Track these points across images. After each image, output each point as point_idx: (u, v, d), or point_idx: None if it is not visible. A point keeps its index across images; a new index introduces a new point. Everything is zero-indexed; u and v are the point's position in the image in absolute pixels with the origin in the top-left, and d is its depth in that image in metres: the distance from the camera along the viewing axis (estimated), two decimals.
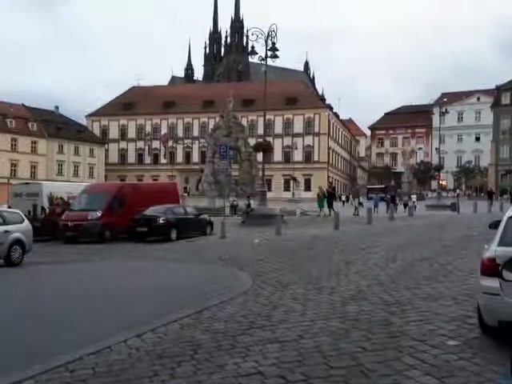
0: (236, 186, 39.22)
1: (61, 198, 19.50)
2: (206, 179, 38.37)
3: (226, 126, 40.35)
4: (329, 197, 26.13)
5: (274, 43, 22.43)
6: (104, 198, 18.08)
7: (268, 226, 18.89)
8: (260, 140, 26.51)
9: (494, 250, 4.47)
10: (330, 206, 25.76)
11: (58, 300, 7.74)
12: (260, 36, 22.44)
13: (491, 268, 4.35)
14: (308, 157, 70.11)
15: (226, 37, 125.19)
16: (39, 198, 18.98)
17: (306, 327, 5.61)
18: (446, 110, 44.36)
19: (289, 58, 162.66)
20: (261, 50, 22.65)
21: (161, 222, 17.30)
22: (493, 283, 4.31)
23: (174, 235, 17.38)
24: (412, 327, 5.42)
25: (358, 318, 5.90)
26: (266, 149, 24.33)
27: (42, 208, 18.93)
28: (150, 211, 17.73)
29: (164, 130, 74.27)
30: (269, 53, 22.38)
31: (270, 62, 23.12)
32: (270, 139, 62.07)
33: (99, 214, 17.59)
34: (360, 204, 26.69)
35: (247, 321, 6.04)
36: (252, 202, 24.82)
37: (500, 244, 4.47)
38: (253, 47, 24.62)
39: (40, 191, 19.20)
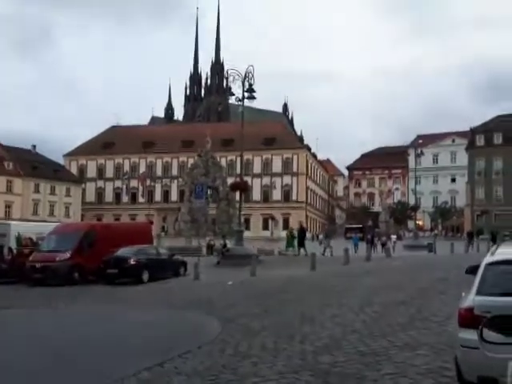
0: (213, 225, 38.73)
1: (29, 239, 18.83)
2: (183, 218, 37.86)
3: (203, 165, 40.21)
4: (299, 236, 25.83)
5: (250, 84, 22.69)
6: (73, 239, 17.52)
7: (243, 267, 18.53)
8: (237, 179, 26.34)
9: (471, 299, 4.13)
10: (302, 245, 25.41)
11: None
12: (237, 77, 22.70)
13: (469, 319, 4.02)
14: (286, 196, 70.30)
15: (207, 78, 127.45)
16: (6, 238, 18.29)
17: (274, 382, 5.18)
18: (421, 151, 44.99)
19: (268, 100, 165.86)
20: (239, 91, 22.81)
21: (132, 263, 16.79)
22: (471, 335, 3.97)
23: (145, 277, 16.90)
24: (387, 381, 5.02)
25: (330, 370, 5.48)
26: (243, 188, 24.16)
27: (10, 249, 18.21)
28: (121, 252, 17.25)
29: (143, 169, 73.93)
30: (246, 94, 22.63)
31: (248, 103, 23.37)
32: (248, 179, 62.28)
33: (68, 255, 17.00)
34: (329, 245, 26.35)
35: (211, 375, 5.58)
36: (228, 241, 24.39)
37: (478, 293, 4.14)
38: (230, 88, 24.92)
39: (7, 231, 18.53)
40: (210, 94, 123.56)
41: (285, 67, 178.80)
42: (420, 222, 70.16)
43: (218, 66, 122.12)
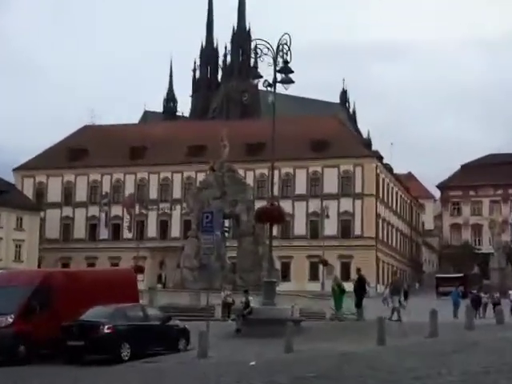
0: (232, 273, 38.66)
1: None
2: (188, 263, 37.99)
3: (218, 182, 40.36)
4: (357, 290, 25.45)
5: (286, 61, 22.72)
6: (19, 295, 17.74)
7: (275, 338, 18.40)
8: (265, 204, 26.26)
9: None
10: (359, 304, 25.21)
11: None
12: (266, 51, 22.77)
13: None
14: (346, 229, 69.98)
15: (225, 55, 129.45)
16: None
17: None
18: None
19: (320, 85, 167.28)
20: (270, 72, 22.84)
21: (105, 331, 16.90)
22: None
23: (125, 353, 17.02)
24: None
25: None
26: (276, 217, 23.95)
27: None
28: (91, 315, 17.40)
29: (130, 190, 74.92)
30: (281, 76, 22.63)
31: (287, 90, 23.38)
32: (286, 203, 62.45)
33: (10, 320, 17.19)
34: (400, 304, 26.29)
35: None
36: (252, 298, 24.24)
37: None
38: (255, 67, 25.06)
39: None
40: (229, 78, 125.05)
41: (345, 40, 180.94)
42: None
43: (242, 37, 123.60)
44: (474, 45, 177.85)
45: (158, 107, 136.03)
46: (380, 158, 75.03)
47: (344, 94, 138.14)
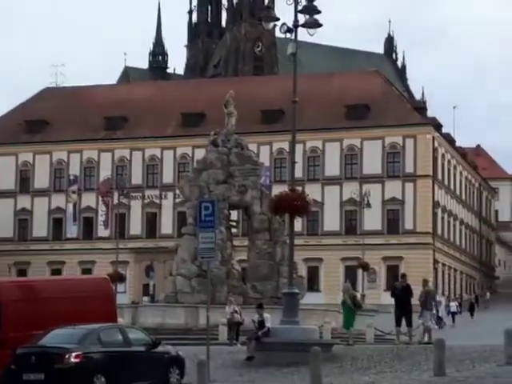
0: (242, 282, 38.67)
1: None
2: (182, 269, 38.00)
3: (221, 162, 40.27)
4: (400, 301, 25.47)
5: None
6: None
7: (298, 367, 18.55)
8: (284, 190, 26.13)
9: None
10: (409, 322, 25.44)
11: None
12: None
13: None
14: (393, 222, 69.97)
15: None
16: None
17: None
18: None
19: (355, 31, 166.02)
20: (288, 15, 22.79)
21: (73, 360, 16.88)
22: None
23: None
24: None
25: None
26: (299, 207, 23.86)
27: None
28: (54, 339, 17.40)
29: (106, 172, 75.10)
30: (302, 18, 22.53)
31: (314, 38, 23.26)
32: (312, 187, 62.31)
33: None
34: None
35: None
36: (268, 315, 24.26)
37: None
38: (270, 6, 24.94)
39: None
40: (237, 23, 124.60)
41: None
42: None
43: None
44: None
45: (143, 62, 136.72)
46: (438, 127, 74.63)
47: (390, 42, 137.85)
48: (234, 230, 42.08)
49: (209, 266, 21.95)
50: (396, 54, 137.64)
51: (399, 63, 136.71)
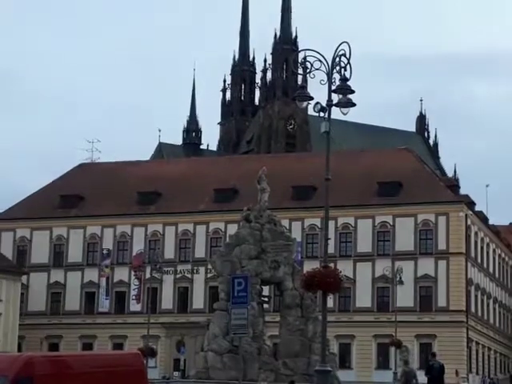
0: (274, 358, 38.33)
1: None
2: (214, 345, 37.77)
3: (254, 237, 40.31)
4: (436, 381, 25.37)
5: (345, 78, 22.82)
6: None
7: None
8: (317, 267, 26.04)
9: None
10: None
11: None
12: (319, 65, 22.94)
13: None
14: (426, 300, 69.11)
15: (265, 70, 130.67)
16: None
17: None
18: None
19: (388, 110, 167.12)
20: (322, 93, 23.03)
21: None
22: None
23: None
24: None
25: None
26: (332, 285, 23.77)
27: None
28: None
29: (138, 247, 75.35)
30: (337, 97, 22.74)
31: (348, 117, 23.38)
32: (345, 264, 61.98)
33: None
34: None
35: None
36: None
37: None
38: (303, 86, 25.18)
39: None
40: (270, 101, 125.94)
41: (423, 52, 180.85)
42: None
43: (286, 47, 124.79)
44: None
45: (177, 139, 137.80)
46: (471, 205, 74.23)
47: (422, 120, 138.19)
48: (265, 306, 41.89)
49: (241, 341, 21.86)
50: (428, 132, 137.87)
51: (431, 141, 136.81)
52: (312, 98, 23.42)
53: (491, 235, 78.82)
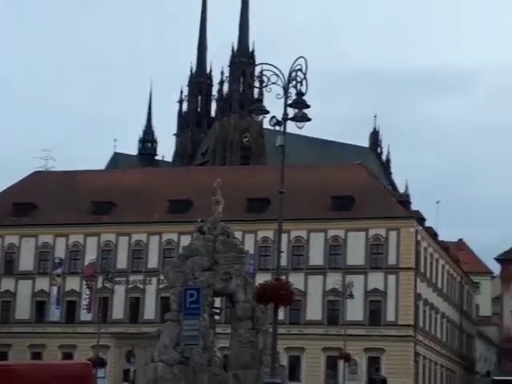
0: (224, 370, 38.14)
1: None
2: (164, 356, 37.35)
3: (207, 249, 40.07)
4: None
5: (300, 93, 22.91)
6: None
7: None
8: (269, 279, 26.00)
9: None
10: None
11: None
12: (275, 79, 22.99)
13: None
14: (375, 314, 69.49)
15: (221, 83, 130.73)
16: None
17: None
18: None
19: (342, 125, 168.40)
20: (278, 106, 23.11)
21: None
22: None
23: None
24: None
25: None
26: (283, 297, 23.74)
27: None
28: None
29: (91, 257, 74.72)
30: (292, 111, 22.80)
31: (303, 131, 23.45)
32: (296, 277, 61.96)
33: None
34: None
35: None
36: None
37: None
38: (260, 99, 25.24)
39: None
40: (226, 114, 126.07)
41: (377, 68, 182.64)
42: None
43: (244, 60, 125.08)
44: None
45: (132, 149, 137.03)
46: (421, 221, 74.87)
47: (375, 136, 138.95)
48: (216, 317, 41.69)
49: (191, 353, 21.73)
50: (381, 148, 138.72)
51: (384, 157, 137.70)
52: (268, 112, 23.52)
53: (440, 251, 79.49)
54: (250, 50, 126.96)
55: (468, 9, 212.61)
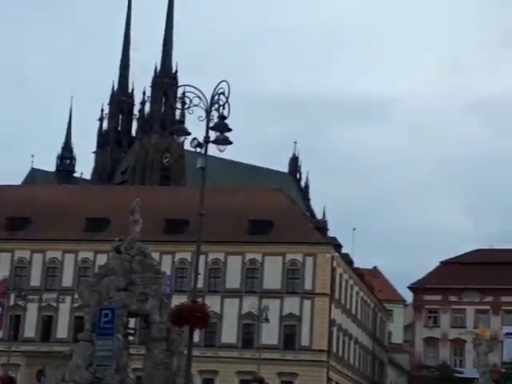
0: None
1: None
2: (76, 376, 36.73)
3: (124, 269, 39.72)
4: None
5: (223, 116, 23.05)
6: None
7: None
8: (185, 301, 26.01)
9: None
10: None
11: None
12: (197, 102, 23.09)
13: None
14: (290, 338, 69.85)
15: (143, 102, 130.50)
16: None
17: None
18: None
19: (263, 150, 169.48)
20: (200, 129, 23.21)
21: None
22: None
23: None
24: None
25: None
26: (199, 319, 23.78)
27: None
28: None
29: (3, 273, 73.32)
30: (214, 134, 22.93)
31: (223, 154, 23.61)
32: (213, 300, 61.90)
33: None
34: None
35: None
36: None
37: None
38: (181, 120, 25.28)
39: None
40: (147, 133, 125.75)
41: (299, 95, 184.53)
42: None
43: (166, 81, 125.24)
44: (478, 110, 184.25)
45: (50, 165, 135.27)
46: (338, 247, 75.64)
47: (295, 162, 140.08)
48: (131, 338, 41.36)
49: (104, 373, 21.52)
50: (300, 174, 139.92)
51: (303, 183, 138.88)
52: (189, 134, 23.59)
53: (355, 278, 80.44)
54: (173, 71, 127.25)
55: (391, 38, 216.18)
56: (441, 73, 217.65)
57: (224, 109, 22.72)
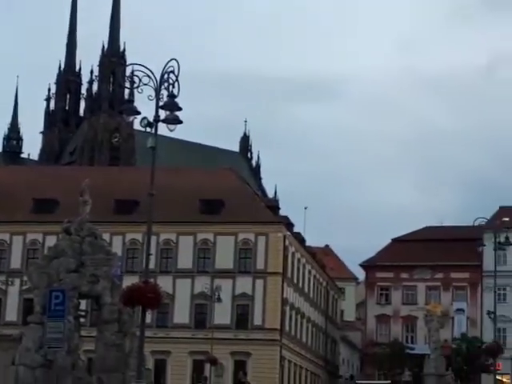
0: (88, 374, 37.70)
1: None
2: (26, 359, 36.50)
3: (74, 250, 39.47)
4: None
5: (172, 95, 22.95)
6: None
7: None
8: (137, 282, 25.94)
9: None
10: None
11: None
12: (147, 81, 22.95)
13: None
14: (242, 318, 70.18)
15: (91, 82, 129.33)
16: None
17: None
18: (507, 238, 45.72)
19: (214, 129, 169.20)
20: (150, 108, 23.07)
21: None
22: None
23: None
24: None
25: None
26: (150, 300, 23.74)
27: None
28: None
29: None
30: (164, 113, 22.82)
31: (174, 133, 23.53)
32: (165, 280, 61.91)
33: None
34: None
35: None
36: None
37: None
38: (130, 100, 25.11)
39: None
40: (95, 113, 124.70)
41: (250, 73, 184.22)
42: (505, 379, 70.05)
43: (114, 60, 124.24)
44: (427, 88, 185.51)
45: None
46: (290, 226, 75.99)
47: (245, 141, 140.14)
48: (82, 320, 41.19)
49: (55, 356, 21.42)
50: (251, 153, 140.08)
51: (254, 162, 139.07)
52: (139, 113, 23.45)
53: (307, 256, 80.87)
54: (121, 49, 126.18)
55: (344, 19, 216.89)
56: (390, 51, 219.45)
57: (174, 87, 22.62)
